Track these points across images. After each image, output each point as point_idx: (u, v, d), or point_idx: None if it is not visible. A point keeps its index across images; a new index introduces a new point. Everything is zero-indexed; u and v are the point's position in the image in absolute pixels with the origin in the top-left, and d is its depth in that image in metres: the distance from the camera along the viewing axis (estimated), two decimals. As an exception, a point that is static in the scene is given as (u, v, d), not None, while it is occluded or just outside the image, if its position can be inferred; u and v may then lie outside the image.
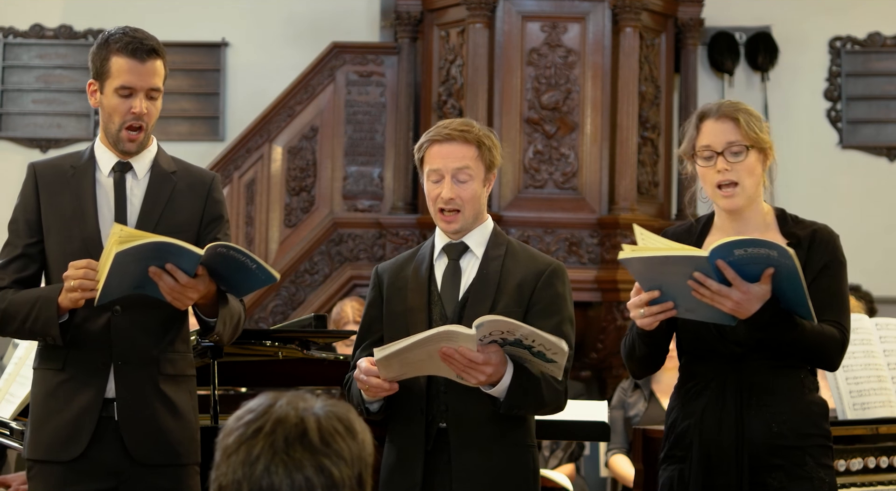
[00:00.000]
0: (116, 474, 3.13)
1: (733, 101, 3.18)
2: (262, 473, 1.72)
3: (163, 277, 2.97)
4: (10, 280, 3.19)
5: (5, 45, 8.05)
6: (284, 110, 7.35)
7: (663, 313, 2.92)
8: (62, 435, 3.12)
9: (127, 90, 3.15)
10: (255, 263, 3.01)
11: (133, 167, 3.23)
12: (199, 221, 3.24)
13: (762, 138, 3.08)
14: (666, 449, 3.17)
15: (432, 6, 7.09)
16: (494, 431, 3.09)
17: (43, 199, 3.23)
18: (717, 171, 3.06)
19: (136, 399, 3.14)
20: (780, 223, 3.12)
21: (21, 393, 3.95)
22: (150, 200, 3.21)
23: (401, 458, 3.13)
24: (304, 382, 4.62)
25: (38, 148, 8.00)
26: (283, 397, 1.79)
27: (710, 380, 3.07)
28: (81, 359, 3.14)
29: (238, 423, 1.77)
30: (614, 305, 6.71)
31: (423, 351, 2.92)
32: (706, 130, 3.11)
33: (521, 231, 6.70)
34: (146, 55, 3.15)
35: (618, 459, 5.83)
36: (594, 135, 6.79)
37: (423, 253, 3.24)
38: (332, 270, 7.18)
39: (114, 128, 3.19)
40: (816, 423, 3.06)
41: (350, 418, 1.79)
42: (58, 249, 3.18)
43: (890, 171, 7.93)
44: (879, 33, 7.98)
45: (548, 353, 2.92)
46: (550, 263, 3.19)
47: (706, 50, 7.85)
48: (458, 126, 3.17)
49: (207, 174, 3.35)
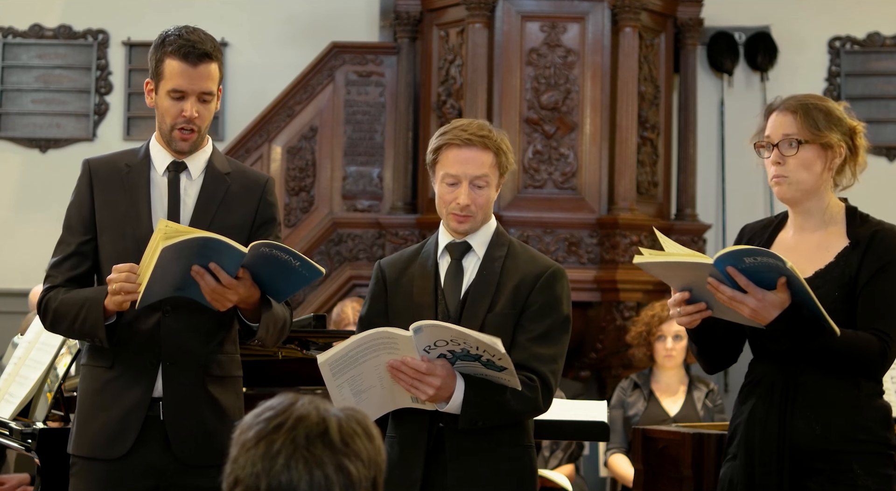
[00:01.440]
0: (159, 474, 3.14)
1: (809, 95, 3.13)
2: (282, 468, 1.72)
3: (205, 276, 2.97)
4: (63, 278, 3.20)
5: (5, 44, 8.05)
6: (284, 110, 7.35)
7: (699, 313, 2.95)
8: (109, 433, 3.14)
9: (178, 93, 3.15)
10: (298, 259, 3.00)
11: (188, 167, 3.23)
12: (251, 223, 3.25)
13: (823, 134, 3.03)
14: (726, 446, 3.17)
15: (432, 6, 7.09)
16: (492, 431, 3.08)
17: (97, 196, 3.22)
18: (772, 163, 3.07)
19: (183, 399, 3.15)
20: (849, 221, 3.08)
21: (21, 393, 3.95)
22: (204, 201, 3.21)
23: (401, 456, 3.13)
24: (304, 382, 4.61)
25: (38, 148, 8.00)
26: (304, 397, 1.80)
27: (762, 378, 3.06)
28: (130, 358, 3.15)
29: (257, 419, 1.78)
30: (614, 304, 6.71)
31: (370, 366, 2.92)
32: (770, 122, 3.11)
33: (521, 231, 6.70)
34: (198, 60, 3.15)
35: (617, 458, 5.83)
36: (594, 135, 6.79)
37: (427, 250, 3.23)
38: (331, 270, 7.18)
39: (166, 129, 3.19)
40: (869, 429, 2.97)
41: (368, 423, 1.81)
42: (110, 247, 3.19)
43: (890, 171, 7.93)
44: (879, 33, 7.99)
45: (493, 358, 2.90)
46: (550, 266, 3.18)
47: (705, 50, 7.85)
48: (476, 131, 3.12)
49: (262, 176, 3.35)
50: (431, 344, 2.91)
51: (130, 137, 7.84)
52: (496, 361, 2.91)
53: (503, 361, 2.90)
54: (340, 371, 2.95)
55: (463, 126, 3.14)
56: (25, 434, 3.72)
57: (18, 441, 3.80)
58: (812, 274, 3.01)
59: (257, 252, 2.97)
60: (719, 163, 7.88)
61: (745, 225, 3.26)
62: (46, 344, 3.98)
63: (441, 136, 3.16)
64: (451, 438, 3.08)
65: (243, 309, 3.12)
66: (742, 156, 7.85)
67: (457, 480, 3.06)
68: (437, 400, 2.96)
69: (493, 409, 3.00)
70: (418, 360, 2.90)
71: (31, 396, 3.92)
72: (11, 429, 3.86)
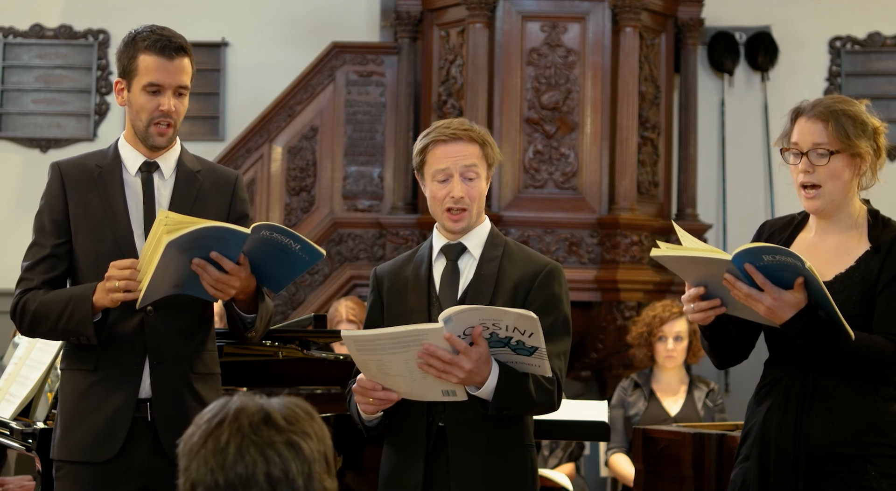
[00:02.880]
0: (149, 474, 3.13)
1: (836, 100, 3.10)
2: (235, 458, 1.71)
3: (207, 267, 2.97)
4: (39, 281, 3.19)
5: (5, 44, 8.05)
6: (284, 110, 7.35)
7: (713, 310, 2.94)
8: (96, 436, 3.12)
9: (155, 87, 3.15)
10: (298, 242, 3.00)
11: (160, 167, 3.23)
12: (225, 220, 3.23)
13: (854, 143, 3.01)
14: (739, 448, 3.15)
15: (432, 6, 7.09)
16: (492, 431, 3.08)
17: (70, 199, 3.21)
18: (801, 171, 3.03)
19: (171, 398, 3.14)
20: (870, 226, 3.08)
21: (21, 393, 3.95)
22: (178, 200, 3.21)
23: (401, 458, 3.13)
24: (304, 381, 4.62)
25: (38, 148, 8.00)
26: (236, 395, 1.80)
27: (779, 379, 3.04)
28: (114, 359, 3.14)
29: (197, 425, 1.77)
30: (614, 304, 6.71)
31: (400, 360, 2.90)
32: (798, 128, 3.06)
33: (521, 231, 6.70)
34: (174, 53, 3.16)
35: (618, 458, 5.82)
36: (594, 135, 6.78)
37: (421, 254, 3.23)
38: (331, 270, 7.18)
39: (141, 125, 3.18)
40: (885, 433, 2.96)
41: (306, 405, 1.80)
42: (88, 249, 3.18)
43: (890, 172, 7.92)
44: (879, 33, 7.98)
45: (524, 337, 2.89)
46: (547, 264, 3.19)
47: (706, 50, 7.84)
48: (459, 126, 3.17)
49: (231, 173, 3.36)
50: (461, 333, 2.89)
51: (131, 137, 7.83)
52: (527, 340, 2.88)
53: (534, 338, 2.88)
54: (366, 350, 2.92)
55: (445, 124, 3.18)
56: (26, 434, 3.72)
57: (19, 441, 3.80)
58: (832, 278, 3.00)
59: (258, 236, 2.97)
60: (720, 163, 7.88)
61: (766, 221, 3.24)
62: (47, 344, 3.98)
63: (425, 137, 3.18)
64: (452, 438, 3.08)
65: (239, 300, 3.11)
66: (742, 156, 7.85)
67: (458, 479, 3.06)
68: (469, 383, 2.94)
69: (521, 398, 3.01)
70: (443, 346, 2.88)
71: (32, 396, 3.92)
72: (12, 429, 3.86)
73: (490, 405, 2.98)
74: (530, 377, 3.00)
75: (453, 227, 3.16)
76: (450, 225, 3.16)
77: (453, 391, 2.96)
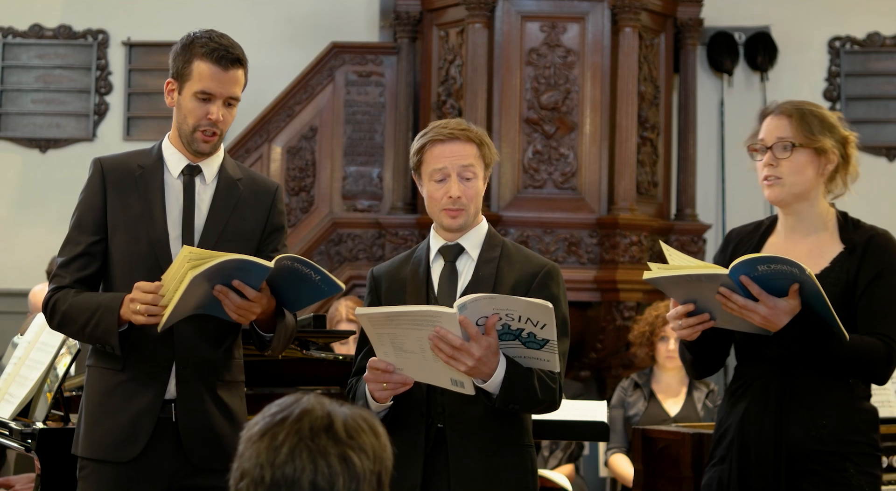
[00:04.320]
0: (170, 476, 3.14)
1: (802, 102, 3.15)
2: (286, 459, 1.72)
3: (229, 294, 2.97)
4: (71, 279, 3.18)
5: (4, 44, 8.05)
6: (284, 110, 7.35)
7: (701, 325, 2.94)
8: (120, 435, 3.13)
9: (206, 95, 3.15)
10: (319, 274, 3.01)
11: (202, 171, 3.23)
12: (262, 230, 3.25)
13: (817, 139, 3.05)
14: (712, 450, 3.16)
15: (431, 6, 7.09)
16: (492, 431, 3.09)
17: (110, 197, 3.20)
18: (765, 164, 3.08)
19: (195, 403, 3.15)
20: (841, 227, 3.10)
21: (21, 393, 3.95)
22: (218, 207, 3.21)
23: (400, 459, 3.12)
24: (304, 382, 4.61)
25: (38, 148, 8.00)
26: (310, 395, 1.81)
27: (755, 380, 3.06)
28: (142, 361, 3.14)
29: (264, 416, 1.78)
30: (613, 304, 6.71)
31: (414, 336, 2.91)
32: (764, 125, 3.12)
33: (521, 231, 6.70)
34: (230, 64, 3.16)
35: (617, 458, 5.83)
36: (593, 135, 6.79)
37: (418, 255, 3.23)
38: (331, 270, 7.17)
39: (188, 130, 3.18)
40: (862, 431, 3.01)
41: (374, 421, 1.81)
42: (124, 249, 3.17)
43: (890, 172, 7.93)
44: (879, 33, 7.99)
45: (536, 328, 2.89)
46: (545, 265, 3.19)
47: (705, 50, 7.85)
48: (456, 126, 3.17)
49: (272, 184, 3.35)
50: (475, 323, 2.89)
51: (130, 137, 7.84)
52: (538, 331, 2.88)
53: (546, 330, 2.88)
54: (380, 325, 2.92)
55: (442, 124, 3.19)
56: (25, 434, 3.72)
57: (18, 441, 3.80)
58: None
59: (280, 265, 2.98)
60: (719, 163, 7.88)
61: (732, 230, 3.26)
62: (46, 344, 3.98)
63: (422, 137, 3.19)
64: (452, 439, 3.08)
65: (260, 320, 3.12)
66: (742, 156, 7.81)
67: (458, 480, 3.06)
68: (476, 375, 2.94)
69: (526, 394, 3.01)
70: (456, 333, 2.89)
71: (31, 396, 3.92)
72: (11, 429, 3.86)
73: (496, 399, 2.98)
74: (535, 375, 3.01)
75: (451, 224, 3.16)
76: (447, 221, 3.16)
77: (461, 382, 2.96)
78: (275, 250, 3.24)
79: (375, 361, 2.99)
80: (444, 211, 3.15)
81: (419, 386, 3.09)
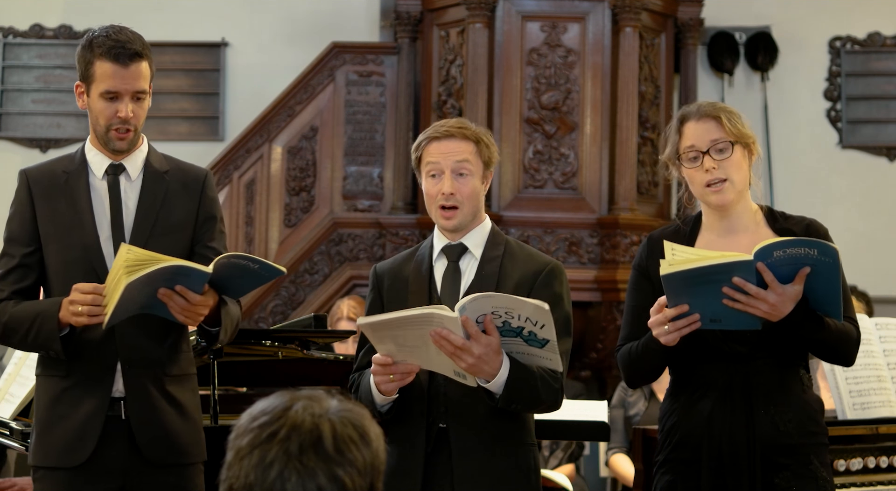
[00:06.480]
0: (123, 474, 3.13)
1: (711, 102, 3.18)
2: (276, 479, 1.72)
3: (173, 297, 2.97)
4: (9, 291, 3.17)
5: (5, 44, 8.05)
6: (284, 110, 7.35)
7: (688, 327, 2.90)
8: (69, 440, 3.12)
9: (112, 94, 3.13)
10: (257, 263, 3.02)
11: (126, 169, 3.21)
12: (194, 220, 3.23)
13: (745, 133, 3.07)
14: (665, 453, 3.13)
15: (432, 6, 7.09)
16: (495, 430, 3.09)
17: (38, 207, 3.19)
18: (706, 170, 3.05)
19: (144, 400, 3.13)
20: (769, 220, 3.11)
21: (21, 393, 3.95)
22: (146, 202, 3.19)
23: (401, 459, 3.13)
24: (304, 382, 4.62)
25: (38, 148, 8.00)
26: (300, 400, 1.80)
27: (714, 381, 3.04)
28: (86, 364, 3.13)
29: (252, 424, 1.78)
30: (614, 304, 6.71)
31: (416, 334, 2.91)
32: (689, 132, 3.11)
33: (521, 231, 6.70)
34: (129, 60, 3.13)
35: (618, 458, 5.82)
36: (594, 135, 6.79)
37: (421, 254, 3.23)
38: (331, 270, 7.18)
39: (101, 130, 3.17)
40: (817, 420, 3.06)
41: (364, 425, 1.80)
42: (57, 257, 3.16)
43: (890, 172, 7.93)
44: (879, 33, 7.99)
45: (536, 328, 2.89)
46: (548, 263, 3.19)
47: (706, 50, 7.85)
48: (455, 124, 3.20)
49: (200, 171, 3.32)
50: (475, 322, 2.89)
51: (131, 137, 7.84)
52: (538, 331, 2.89)
53: (546, 330, 2.88)
54: (382, 330, 2.93)
55: (441, 123, 3.23)
56: (25, 434, 3.72)
57: (18, 441, 3.80)
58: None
59: (218, 265, 2.99)
60: (720, 163, 7.88)
61: (651, 235, 3.22)
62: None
63: (422, 135, 3.22)
64: (455, 439, 3.08)
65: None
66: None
67: (460, 479, 3.06)
68: (478, 373, 2.94)
69: (529, 394, 3.01)
70: (458, 334, 2.89)
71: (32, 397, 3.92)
72: (11, 429, 3.86)
73: (499, 398, 2.98)
74: (538, 375, 3.01)
75: (445, 225, 3.17)
76: (442, 222, 3.17)
77: (464, 374, 2.97)
78: (211, 240, 3.22)
79: (378, 358, 3.01)
80: (439, 210, 3.16)
81: (421, 386, 3.10)
